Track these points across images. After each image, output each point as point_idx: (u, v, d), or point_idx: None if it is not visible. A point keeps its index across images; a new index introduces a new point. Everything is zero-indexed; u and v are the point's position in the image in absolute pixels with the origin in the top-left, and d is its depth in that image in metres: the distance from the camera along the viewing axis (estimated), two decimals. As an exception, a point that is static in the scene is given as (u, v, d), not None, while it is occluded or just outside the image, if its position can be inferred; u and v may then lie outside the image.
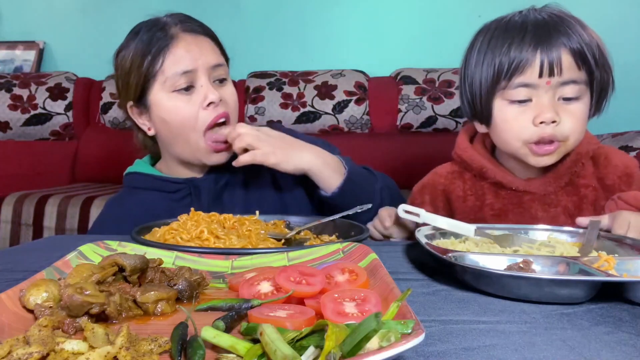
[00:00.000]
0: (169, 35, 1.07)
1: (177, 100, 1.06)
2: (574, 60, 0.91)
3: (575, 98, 0.93)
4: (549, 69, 0.91)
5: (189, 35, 1.08)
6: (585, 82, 0.93)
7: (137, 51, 1.08)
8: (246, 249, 0.80)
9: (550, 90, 0.92)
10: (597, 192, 1.00)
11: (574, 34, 0.92)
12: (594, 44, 0.92)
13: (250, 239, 0.85)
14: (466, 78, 1.02)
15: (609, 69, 0.95)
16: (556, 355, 0.45)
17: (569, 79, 0.92)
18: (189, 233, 0.83)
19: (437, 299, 0.61)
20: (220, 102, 1.07)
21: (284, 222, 0.99)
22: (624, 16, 2.48)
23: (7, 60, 2.74)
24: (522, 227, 0.90)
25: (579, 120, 0.94)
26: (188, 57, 1.06)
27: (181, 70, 1.05)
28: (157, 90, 1.07)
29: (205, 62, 1.06)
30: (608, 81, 0.96)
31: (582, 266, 0.64)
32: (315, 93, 2.39)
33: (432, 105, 2.36)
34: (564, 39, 0.91)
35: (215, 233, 0.83)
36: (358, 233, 0.86)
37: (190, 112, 1.06)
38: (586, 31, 0.93)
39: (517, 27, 0.95)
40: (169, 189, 1.13)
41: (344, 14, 2.68)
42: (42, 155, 2.50)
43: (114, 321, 0.51)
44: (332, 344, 0.38)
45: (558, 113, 0.92)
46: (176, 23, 1.09)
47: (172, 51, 1.06)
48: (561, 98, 0.93)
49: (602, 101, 0.98)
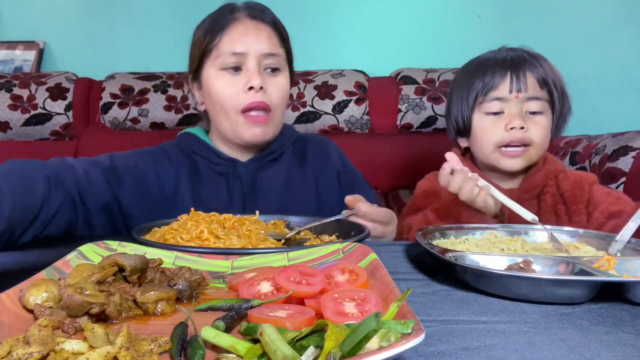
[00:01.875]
0: (233, 17, 1.13)
1: (223, 78, 1.11)
2: (537, 82, 1.15)
3: (540, 112, 1.16)
4: (517, 85, 1.14)
5: (251, 20, 1.13)
6: (547, 100, 1.17)
7: (204, 27, 1.15)
8: (246, 249, 0.80)
9: (519, 104, 1.15)
10: (554, 198, 1.19)
11: (538, 65, 1.16)
12: (555, 75, 1.17)
13: (250, 239, 0.85)
14: (451, 106, 1.26)
15: (567, 99, 1.19)
16: (556, 355, 0.45)
17: (534, 95, 1.15)
18: (189, 233, 0.83)
19: (437, 299, 0.61)
20: (262, 89, 1.09)
21: (284, 222, 0.99)
22: (624, 16, 2.48)
23: (7, 60, 2.73)
24: (522, 227, 0.90)
25: (543, 130, 1.16)
26: (242, 40, 1.10)
27: (233, 50, 1.10)
28: (210, 66, 1.13)
29: (258, 48, 1.10)
30: (566, 108, 1.20)
31: (582, 266, 0.64)
32: (315, 93, 2.39)
33: (432, 105, 2.35)
34: (529, 65, 1.16)
35: (215, 233, 0.83)
36: (358, 233, 0.86)
37: (233, 92, 1.10)
38: (549, 65, 1.18)
39: (491, 61, 1.20)
40: (214, 160, 1.18)
41: (344, 14, 2.67)
42: (42, 155, 2.49)
43: (114, 321, 0.51)
44: (332, 344, 0.38)
45: (525, 122, 1.14)
46: (245, 8, 1.15)
47: (229, 31, 1.11)
48: (527, 112, 1.16)
49: (562, 123, 1.21)
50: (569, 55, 2.38)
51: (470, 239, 0.87)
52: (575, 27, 2.47)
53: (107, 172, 1.06)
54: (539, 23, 2.48)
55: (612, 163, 1.80)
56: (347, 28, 2.69)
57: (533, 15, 2.50)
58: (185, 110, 2.44)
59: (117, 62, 2.66)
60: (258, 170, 1.18)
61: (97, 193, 1.03)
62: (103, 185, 1.04)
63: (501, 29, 2.46)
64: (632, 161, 1.73)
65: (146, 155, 1.17)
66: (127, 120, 2.49)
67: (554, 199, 1.19)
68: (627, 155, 1.75)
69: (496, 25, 2.48)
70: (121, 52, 2.71)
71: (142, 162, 1.13)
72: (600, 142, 1.86)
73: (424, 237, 0.81)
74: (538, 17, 2.50)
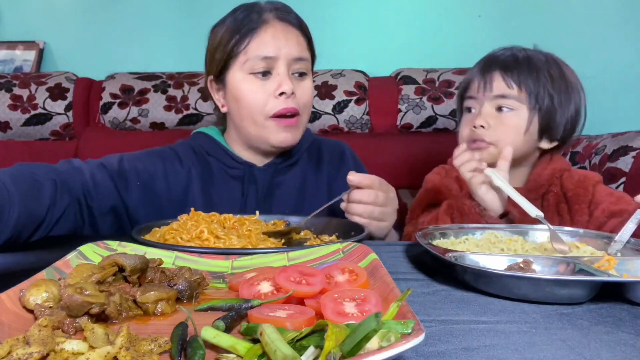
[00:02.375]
0: (261, 19, 1.09)
1: (251, 83, 1.09)
2: (503, 80, 1.17)
3: (509, 109, 1.17)
4: (483, 85, 1.18)
5: (280, 23, 1.10)
6: (516, 98, 1.16)
7: (229, 28, 1.11)
8: (246, 249, 0.80)
9: (487, 102, 1.18)
10: (557, 197, 1.19)
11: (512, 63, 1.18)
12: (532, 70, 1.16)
13: (250, 239, 0.85)
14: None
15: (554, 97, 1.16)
16: (556, 355, 0.45)
17: (499, 94, 1.17)
18: (189, 233, 0.83)
19: (437, 299, 0.61)
20: (293, 95, 1.08)
21: (283, 222, 0.99)
22: (624, 16, 2.48)
23: (7, 60, 2.73)
24: (522, 227, 0.90)
25: (509, 129, 1.17)
26: (272, 44, 1.07)
27: (263, 54, 1.07)
28: (236, 70, 1.10)
29: (288, 52, 1.08)
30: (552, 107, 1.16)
31: (582, 266, 0.64)
32: (315, 93, 2.39)
33: (432, 105, 2.35)
34: (499, 66, 1.18)
35: (215, 233, 0.83)
36: (358, 233, 0.86)
37: (262, 97, 1.08)
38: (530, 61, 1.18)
39: (484, 59, 1.23)
40: (229, 163, 1.16)
41: (344, 14, 2.67)
42: (42, 155, 2.50)
43: (114, 321, 0.51)
44: (332, 344, 0.38)
45: (488, 121, 1.17)
46: (272, 9, 1.11)
47: (259, 34, 1.08)
48: (497, 109, 1.18)
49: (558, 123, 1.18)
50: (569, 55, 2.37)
51: (470, 239, 0.87)
52: (576, 27, 2.47)
53: (114, 176, 1.06)
54: (539, 23, 2.48)
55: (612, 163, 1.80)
56: (347, 28, 2.69)
57: (533, 15, 2.50)
58: (185, 110, 2.44)
59: (117, 62, 2.66)
60: (275, 176, 1.16)
61: (103, 197, 1.03)
62: (110, 189, 1.04)
63: (501, 29, 2.46)
64: (632, 161, 1.73)
65: (156, 156, 1.15)
66: (127, 120, 2.49)
67: (557, 198, 1.19)
68: (627, 155, 1.75)
69: (496, 25, 2.48)
70: (121, 52, 2.70)
71: (150, 163, 1.12)
72: (600, 142, 1.87)
73: (424, 237, 0.80)
74: (538, 17, 2.50)
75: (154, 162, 1.13)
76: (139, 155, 1.13)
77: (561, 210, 1.17)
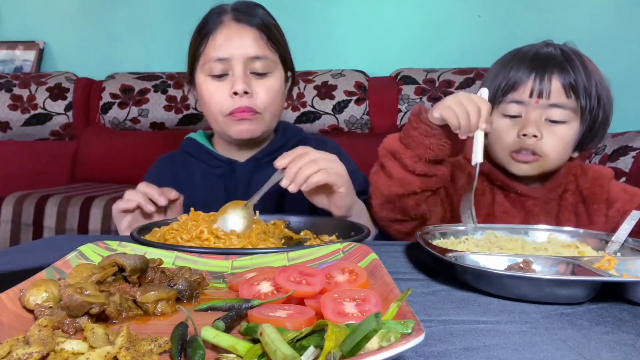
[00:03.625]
0: (218, 21, 1.12)
1: (210, 84, 1.12)
2: (563, 88, 1.02)
3: (562, 122, 1.03)
4: (539, 90, 1.02)
5: (235, 24, 1.11)
6: (573, 109, 1.03)
7: (196, 29, 1.15)
8: (246, 249, 0.80)
9: (538, 110, 1.03)
10: (575, 196, 1.11)
11: (569, 68, 1.02)
12: (590, 79, 1.03)
13: (250, 239, 0.85)
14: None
15: (605, 107, 1.05)
16: (556, 355, 0.45)
17: (556, 103, 1.02)
18: (189, 233, 0.83)
19: (437, 299, 0.61)
20: (247, 94, 1.09)
21: (284, 222, 0.99)
22: (624, 16, 2.48)
23: (7, 60, 2.73)
24: (522, 227, 0.90)
25: (560, 142, 1.04)
26: (225, 45, 1.09)
27: (217, 56, 1.09)
28: (199, 71, 1.14)
29: (242, 52, 1.09)
30: (603, 117, 1.05)
31: (582, 266, 0.64)
32: (315, 93, 2.39)
33: (432, 105, 2.36)
34: (557, 69, 1.02)
35: (215, 233, 0.83)
36: (358, 233, 0.86)
37: (219, 98, 1.11)
38: (585, 67, 1.04)
39: (522, 55, 1.07)
40: (212, 163, 1.19)
41: (344, 14, 2.67)
42: (42, 155, 2.50)
43: (114, 321, 0.51)
44: (332, 344, 0.38)
45: (541, 130, 1.03)
46: (232, 10, 1.13)
47: (214, 37, 1.11)
48: (548, 119, 1.04)
49: (595, 135, 1.08)
50: (569, 55, 2.38)
51: (470, 239, 0.87)
52: (575, 27, 2.47)
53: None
54: (538, 23, 2.48)
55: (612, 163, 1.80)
56: (347, 28, 2.69)
57: (533, 15, 2.50)
58: (185, 110, 2.44)
59: (117, 62, 2.66)
60: (256, 170, 1.18)
61: None
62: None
63: (501, 29, 2.46)
64: (632, 161, 1.74)
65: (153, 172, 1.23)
66: (127, 120, 2.49)
67: (574, 197, 1.12)
68: (627, 155, 1.76)
69: (496, 25, 2.48)
70: (121, 52, 2.71)
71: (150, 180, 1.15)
72: (601, 142, 1.87)
73: (424, 237, 0.80)
74: (538, 17, 2.50)
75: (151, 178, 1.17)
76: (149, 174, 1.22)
77: (579, 210, 1.11)
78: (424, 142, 0.95)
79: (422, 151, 0.95)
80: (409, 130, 0.97)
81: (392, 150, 0.99)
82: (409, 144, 0.97)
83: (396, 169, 0.98)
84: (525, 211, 1.09)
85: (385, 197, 1.01)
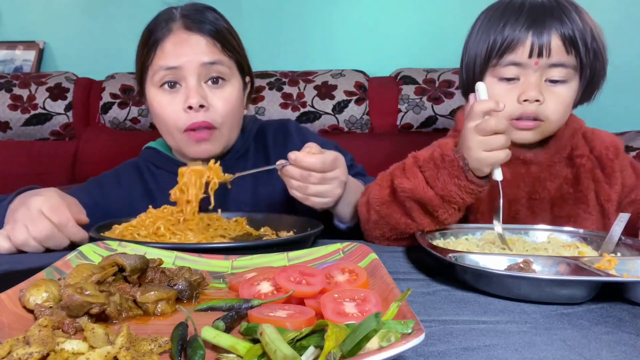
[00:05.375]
0: (166, 29, 1.05)
1: (161, 97, 1.05)
2: (563, 44, 0.94)
3: (562, 81, 0.96)
4: (539, 50, 0.94)
5: (184, 32, 1.04)
6: (573, 67, 0.96)
7: (142, 38, 1.09)
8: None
9: (538, 71, 0.95)
10: (592, 162, 1.04)
11: (567, 20, 0.95)
12: (587, 31, 0.96)
13: (206, 235, 0.87)
14: (465, 53, 1.05)
15: (601, 57, 0.98)
16: (556, 355, 0.45)
17: (557, 62, 0.95)
18: (146, 229, 0.84)
19: (437, 299, 0.61)
20: (203, 107, 1.02)
21: (245, 220, 1.00)
22: (624, 16, 2.48)
23: (7, 60, 2.73)
24: (522, 227, 0.90)
25: (562, 103, 0.97)
26: (174, 53, 1.03)
27: (166, 65, 1.03)
28: (149, 84, 1.07)
29: (194, 59, 1.02)
30: (600, 69, 0.99)
31: (582, 266, 0.64)
32: (315, 93, 2.39)
33: (432, 105, 2.35)
34: (556, 23, 0.94)
35: (171, 229, 0.85)
36: (314, 228, 0.88)
37: (172, 111, 1.04)
38: (581, 17, 0.97)
39: (515, 8, 0.98)
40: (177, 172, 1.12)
41: (344, 14, 2.67)
42: (42, 155, 2.50)
43: (114, 321, 0.51)
44: (332, 344, 0.38)
45: (542, 93, 0.95)
46: (181, 16, 1.06)
47: (162, 46, 1.04)
48: (548, 80, 0.96)
49: (593, 89, 1.01)
50: (569, 55, 2.38)
51: (470, 239, 0.87)
52: (575, 27, 2.47)
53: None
54: None
55: (612, 163, 1.80)
56: (347, 28, 2.69)
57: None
58: (185, 110, 2.43)
59: (117, 62, 2.66)
60: (225, 172, 1.09)
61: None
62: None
63: (501, 29, 2.46)
64: (632, 161, 1.73)
65: (94, 185, 1.15)
66: (127, 120, 2.49)
67: (591, 162, 1.04)
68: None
69: (496, 25, 2.48)
70: (121, 52, 2.70)
71: (86, 194, 1.09)
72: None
73: (424, 237, 0.80)
74: (538, 17, 2.50)
75: (90, 192, 1.11)
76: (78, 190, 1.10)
77: (597, 176, 1.03)
78: (464, 197, 0.85)
79: (460, 205, 0.87)
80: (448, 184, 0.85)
81: (423, 200, 0.87)
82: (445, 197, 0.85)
83: (421, 216, 0.88)
84: (532, 178, 1.02)
85: (391, 226, 0.92)
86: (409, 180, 0.88)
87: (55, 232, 0.84)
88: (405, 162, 0.93)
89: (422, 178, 0.87)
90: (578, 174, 1.03)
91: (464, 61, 1.06)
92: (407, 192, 0.87)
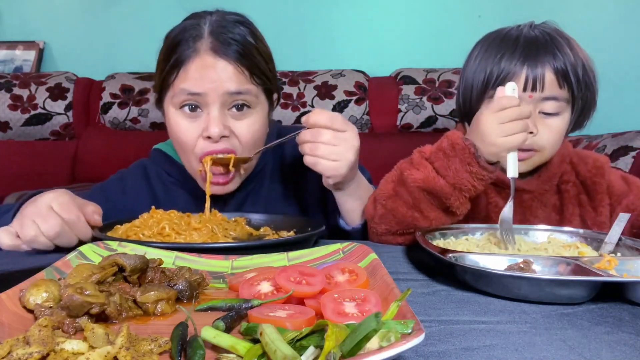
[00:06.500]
0: (193, 49, 0.97)
1: (181, 119, 1.00)
2: (556, 79, 0.98)
3: (555, 114, 1.00)
4: (533, 84, 0.97)
5: (211, 55, 0.97)
6: (566, 100, 1.00)
7: (165, 48, 1.01)
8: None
9: (532, 104, 0.98)
10: (577, 187, 1.07)
11: (560, 54, 0.99)
12: (579, 64, 0.99)
13: (211, 236, 0.87)
14: (462, 81, 1.09)
15: (592, 88, 1.02)
16: (556, 355, 0.45)
17: (550, 96, 0.98)
18: (150, 229, 0.84)
19: (437, 299, 0.61)
20: (223, 138, 0.98)
21: (244, 220, 1.00)
22: (624, 16, 2.48)
23: (7, 60, 2.73)
24: (522, 227, 0.90)
25: (555, 134, 1.01)
26: (199, 79, 0.96)
27: (188, 90, 0.97)
28: (168, 101, 1.02)
29: (219, 87, 0.96)
30: (590, 100, 1.03)
31: (582, 266, 0.64)
32: (315, 93, 2.39)
33: (432, 105, 2.36)
34: (550, 58, 0.98)
35: (176, 230, 0.85)
36: (315, 228, 0.87)
37: (191, 136, 1.00)
38: (574, 52, 1.00)
39: (511, 41, 1.02)
40: (190, 185, 1.08)
41: (344, 14, 2.67)
42: (42, 155, 2.50)
43: (114, 321, 0.51)
44: (332, 344, 0.38)
45: (536, 125, 0.98)
46: (210, 33, 0.98)
47: (186, 68, 0.97)
48: (542, 112, 1.00)
49: (584, 118, 1.05)
50: (569, 55, 2.39)
51: (470, 239, 0.87)
52: (575, 27, 2.46)
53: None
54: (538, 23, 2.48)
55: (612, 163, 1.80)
56: (347, 28, 2.69)
57: (533, 15, 2.50)
58: (185, 110, 2.43)
59: (117, 62, 2.66)
60: (241, 189, 1.09)
61: None
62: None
63: (501, 29, 2.46)
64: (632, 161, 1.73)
65: (99, 194, 1.09)
66: (127, 120, 2.49)
67: (575, 188, 1.07)
68: (627, 155, 1.75)
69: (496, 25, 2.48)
70: (121, 52, 2.70)
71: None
72: (600, 142, 1.87)
73: (424, 238, 0.80)
74: (538, 17, 2.50)
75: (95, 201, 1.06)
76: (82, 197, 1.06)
77: (582, 201, 1.06)
78: (476, 185, 0.87)
79: (471, 193, 0.89)
80: (460, 172, 0.87)
81: (434, 190, 0.88)
82: (457, 185, 0.87)
83: (429, 208, 0.90)
84: (523, 207, 1.05)
85: (397, 220, 0.93)
86: (419, 171, 0.90)
87: (66, 229, 0.82)
88: (412, 157, 0.95)
89: (431, 169, 0.89)
90: (563, 200, 1.07)
91: (461, 88, 1.09)
92: (419, 182, 0.89)
